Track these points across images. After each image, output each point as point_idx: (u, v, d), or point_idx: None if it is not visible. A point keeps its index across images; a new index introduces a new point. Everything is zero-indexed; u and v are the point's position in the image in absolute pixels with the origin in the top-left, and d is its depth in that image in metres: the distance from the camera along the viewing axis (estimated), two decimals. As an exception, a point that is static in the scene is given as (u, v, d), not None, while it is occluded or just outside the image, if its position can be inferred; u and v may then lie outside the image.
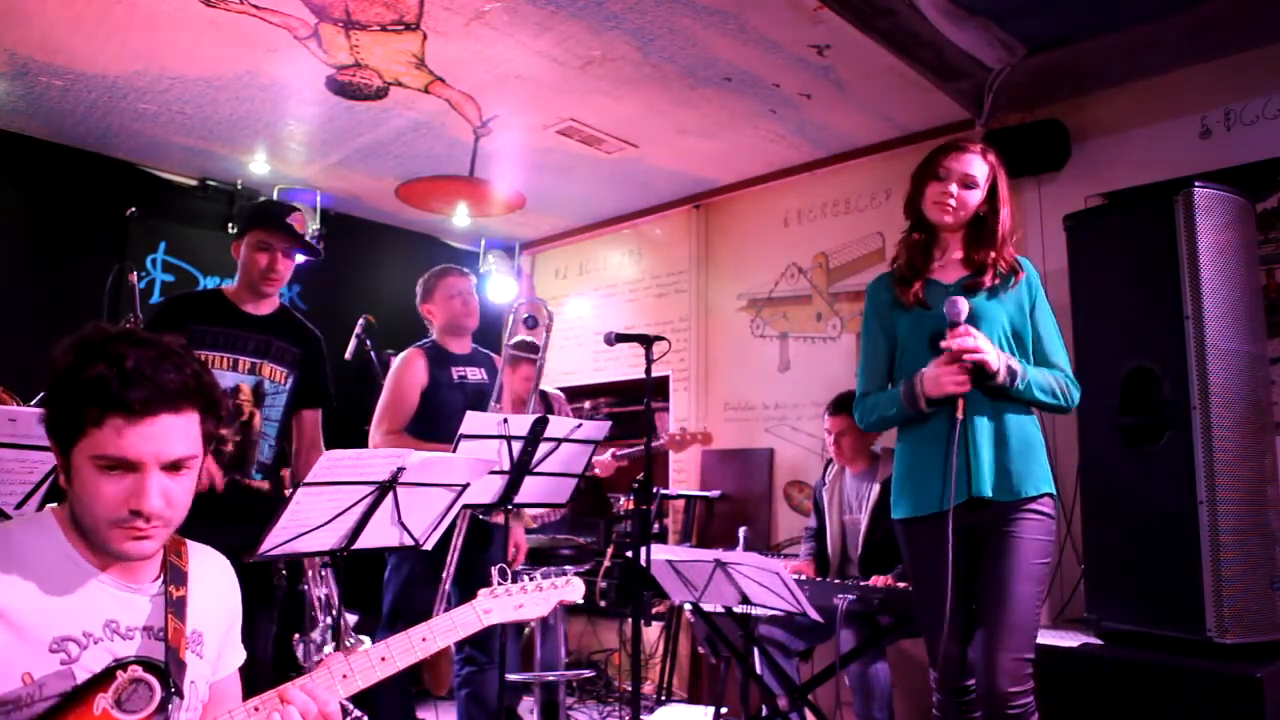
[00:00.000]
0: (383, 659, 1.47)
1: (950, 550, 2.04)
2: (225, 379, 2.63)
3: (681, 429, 4.45)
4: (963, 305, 2.09)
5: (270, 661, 2.63)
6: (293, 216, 2.82)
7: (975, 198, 2.22)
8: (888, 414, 2.28)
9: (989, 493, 2.13)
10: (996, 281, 2.22)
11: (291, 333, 2.84)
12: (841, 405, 3.49)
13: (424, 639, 1.53)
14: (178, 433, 1.27)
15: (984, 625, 2.13)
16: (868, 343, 2.38)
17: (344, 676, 1.42)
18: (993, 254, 2.22)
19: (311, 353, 2.89)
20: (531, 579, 1.75)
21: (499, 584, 1.69)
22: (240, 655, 1.54)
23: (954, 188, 2.21)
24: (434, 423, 3.09)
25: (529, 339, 3.68)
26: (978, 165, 2.22)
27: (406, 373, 3.13)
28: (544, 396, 4.11)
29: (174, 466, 1.28)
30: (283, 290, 2.93)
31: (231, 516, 2.49)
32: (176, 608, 1.36)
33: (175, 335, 1.35)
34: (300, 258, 2.84)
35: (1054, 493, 2.18)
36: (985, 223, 2.24)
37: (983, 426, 2.15)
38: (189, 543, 1.46)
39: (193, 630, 1.39)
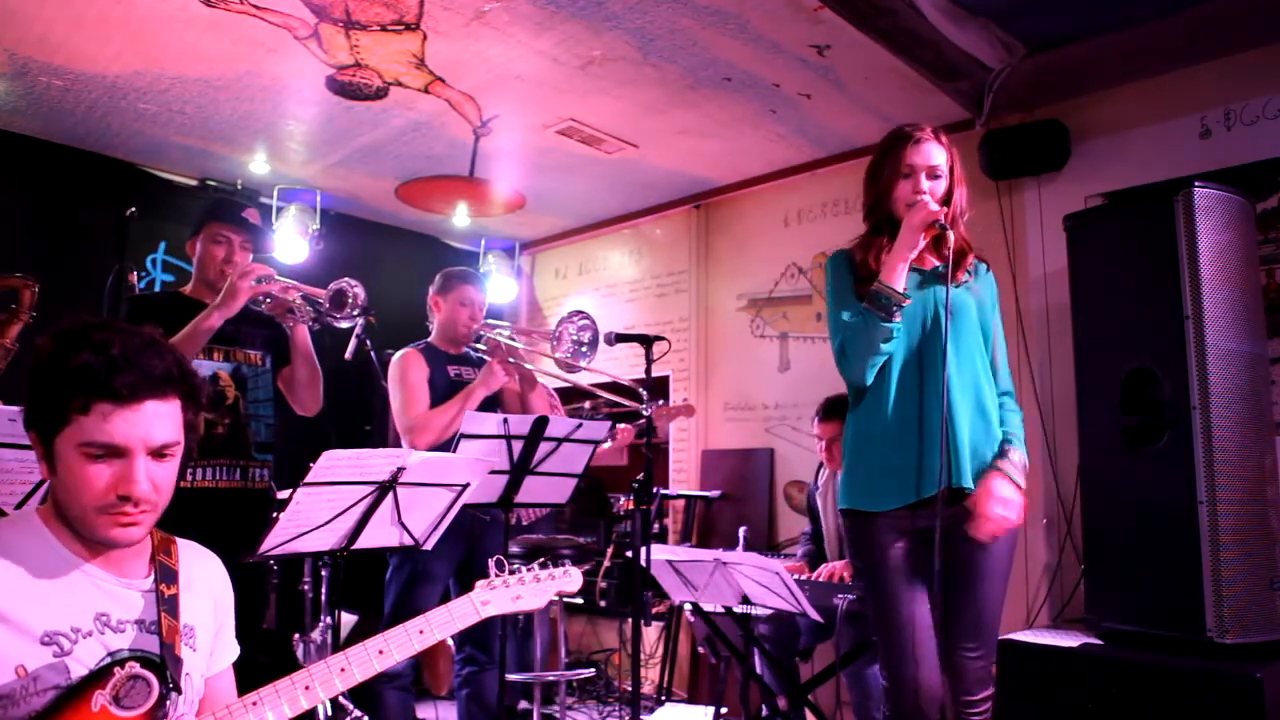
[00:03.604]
0: (380, 651, 1.48)
1: (939, 557, 1.87)
2: (203, 368, 2.63)
3: (663, 403, 4.46)
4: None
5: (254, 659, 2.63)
6: (247, 211, 2.86)
7: (944, 186, 2.15)
8: (853, 336, 2.08)
9: (970, 484, 2.01)
10: (969, 278, 2.18)
11: (252, 316, 2.78)
12: (831, 411, 3.47)
13: (421, 631, 1.54)
14: (163, 419, 1.29)
15: (953, 625, 1.99)
16: (837, 312, 2.17)
17: (341, 670, 1.43)
18: (955, 235, 2.10)
19: (277, 329, 2.89)
20: (529, 570, 1.75)
21: (496, 575, 1.69)
22: (234, 650, 1.54)
23: (925, 183, 2.12)
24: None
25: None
26: (938, 153, 2.14)
27: (410, 369, 3.14)
28: None
29: (159, 453, 1.29)
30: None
31: (231, 519, 2.50)
32: (169, 605, 1.36)
33: (152, 326, 1.37)
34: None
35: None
36: (949, 206, 2.15)
37: (962, 406, 2.04)
38: (179, 540, 1.47)
39: (185, 624, 1.39)
